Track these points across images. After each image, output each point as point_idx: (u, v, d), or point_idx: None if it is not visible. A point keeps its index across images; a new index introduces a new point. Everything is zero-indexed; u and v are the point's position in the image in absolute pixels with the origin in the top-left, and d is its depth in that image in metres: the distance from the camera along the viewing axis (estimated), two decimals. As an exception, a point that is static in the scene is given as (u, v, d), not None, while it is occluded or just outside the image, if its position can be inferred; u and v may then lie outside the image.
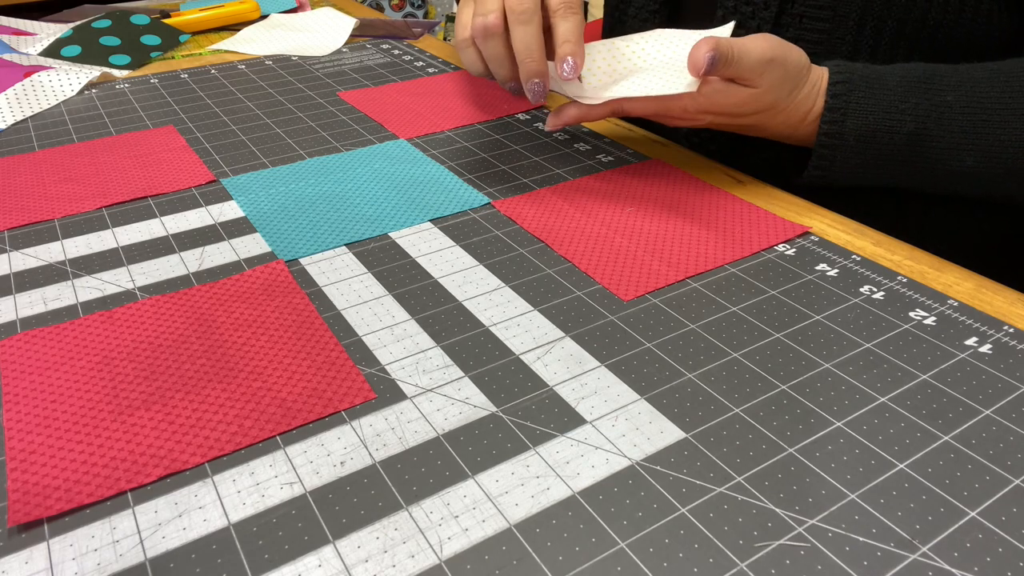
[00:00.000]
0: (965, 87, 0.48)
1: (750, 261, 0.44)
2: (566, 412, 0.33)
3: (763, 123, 0.51)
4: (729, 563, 0.27)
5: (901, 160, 0.50)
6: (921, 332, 0.38)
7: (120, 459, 0.31)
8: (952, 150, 0.48)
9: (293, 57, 0.83)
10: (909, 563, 0.27)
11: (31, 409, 0.33)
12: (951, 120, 0.48)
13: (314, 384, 0.35)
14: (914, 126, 0.48)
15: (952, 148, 0.48)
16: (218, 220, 0.49)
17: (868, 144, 0.49)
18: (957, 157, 0.48)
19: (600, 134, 0.61)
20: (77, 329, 0.39)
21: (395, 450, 0.32)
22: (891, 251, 0.45)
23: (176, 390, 0.34)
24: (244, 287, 0.42)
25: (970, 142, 0.48)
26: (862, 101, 0.49)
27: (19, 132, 0.64)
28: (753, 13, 0.57)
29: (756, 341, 0.38)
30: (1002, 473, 0.30)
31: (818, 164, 0.51)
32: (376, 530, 0.28)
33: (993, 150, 0.48)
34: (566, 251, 0.45)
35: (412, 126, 0.63)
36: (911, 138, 0.48)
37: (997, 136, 0.47)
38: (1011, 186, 0.49)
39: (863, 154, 0.50)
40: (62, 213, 0.50)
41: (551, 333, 0.38)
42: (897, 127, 0.48)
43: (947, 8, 0.52)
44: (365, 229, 0.48)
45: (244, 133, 0.63)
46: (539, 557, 0.27)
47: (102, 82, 0.75)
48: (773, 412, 0.33)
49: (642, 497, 0.29)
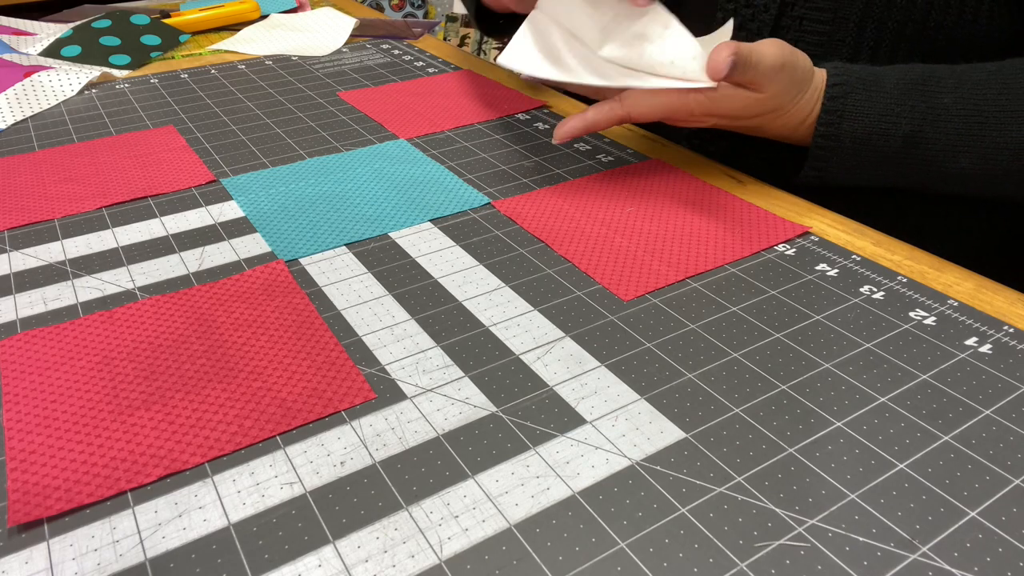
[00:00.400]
0: (963, 89, 0.48)
1: (750, 261, 0.44)
2: (566, 412, 0.33)
3: (765, 125, 0.51)
4: (729, 563, 0.27)
5: (897, 162, 0.50)
6: (921, 332, 0.38)
7: (120, 459, 0.31)
8: (948, 152, 0.48)
9: (293, 57, 0.83)
10: (909, 563, 0.27)
11: (31, 409, 0.33)
12: (947, 122, 0.48)
13: (314, 384, 0.35)
14: (909, 128, 0.48)
15: (948, 150, 0.48)
16: (218, 220, 0.49)
17: (863, 146, 0.49)
18: (953, 159, 0.49)
19: (600, 134, 0.61)
20: (77, 329, 0.39)
21: (395, 450, 0.32)
22: (891, 251, 0.45)
23: (176, 390, 0.34)
24: (244, 287, 0.42)
25: (966, 144, 0.48)
26: (858, 104, 0.49)
27: (19, 132, 0.64)
28: (753, 15, 0.57)
29: (756, 341, 0.38)
30: (1002, 473, 0.30)
31: (814, 165, 0.51)
32: (376, 530, 0.28)
33: (989, 152, 0.48)
34: (566, 251, 0.45)
35: (412, 126, 0.63)
36: (906, 140, 0.49)
37: (993, 138, 0.47)
38: (1008, 187, 0.50)
39: (858, 156, 0.50)
40: (62, 213, 0.50)
41: (551, 333, 0.38)
42: (892, 129, 0.48)
43: (947, 10, 0.52)
44: (365, 229, 0.48)
45: (244, 133, 0.63)
46: (539, 557, 0.27)
47: (102, 82, 0.75)
48: (773, 412, 0.33)
49: (642, 497, 0.29)
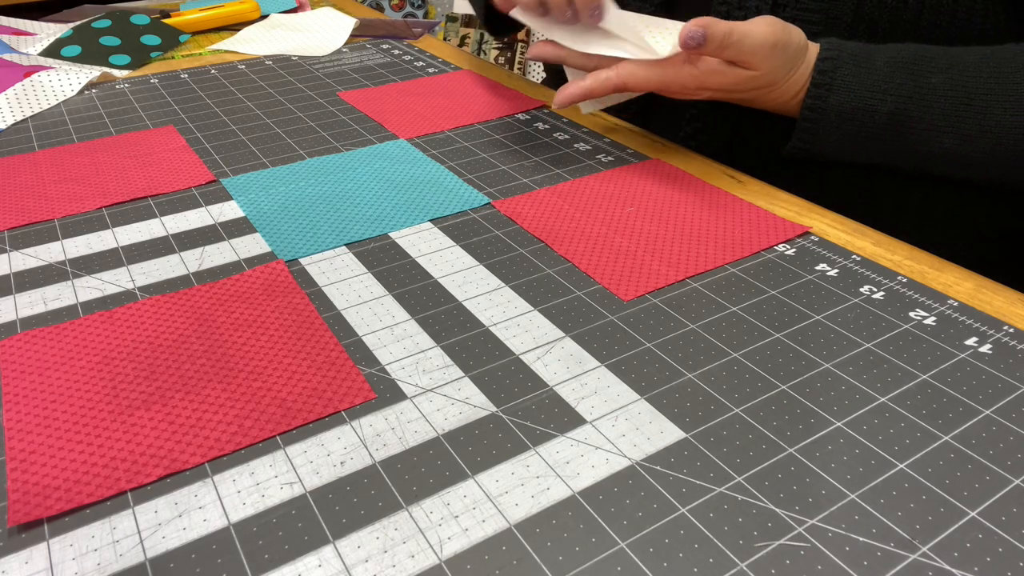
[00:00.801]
0: (954, 70, 0.49)
1: (750, 261, 0.44)
2: (566, 412, 0.33)
3: (759, 98, 0.52)
4: (729, 563, 0.27)
5: (881, 139, 0.51)
6: (921, 332, 0.38)
7: (120, 459, 0.31)
8: (931, 132, 0.49)
9: (293, 57, 0.83)
10: (909, 563, 0.27)
11: (31, 409, 0.33)
12: (933, 102, 0.49)
13: (314, 384, 0.35)
14: (895, 106, 0.49)
15: (932, 130, 0.49)
16: (218, 220, 0.49)
17: (849, 121, 0.50)
18: (936, 139, 0.49)
19: (600, 134, 0.61)
20: (77, 329, 0.39)
21: (395, 450, 0.32)
22: (891, 251, 0.45)
23: (176, 390, 0.34)
24: (244, 287, 0.42)
25: (950, 125, 0.48)
26: (847, 78, 0.50)
27: (19, 132, 0.64)
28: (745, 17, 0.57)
29: (756, 341, 0.38)
30: (1002, 473, 0.30)
31: (801, 137, 0.53)
32: (376, 530, 0.28)
33: (972, 134, 0.48)
34: (566, 251, 0.45)
35: (412, 126, 0.63)
36: (891, 118, 0.49)
37: (977, 121, 0.48)
38: (992, 171, 0.50)
39: (843, 130, 0.51)
40: (62, 213, 0.50)
41: (551, 333, 0.38)
42: (878, 106, 0.49)
43: (940, 10, 0.52)
44: (365, 229, 0.48)
45: (244, 133, 0.63)
46: (539, 557, 0.27)
47: (102, 82, 0.75)
48: (773, 412, 0.33)
49: (642, 497, 0.29)
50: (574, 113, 0.65)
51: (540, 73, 2.43)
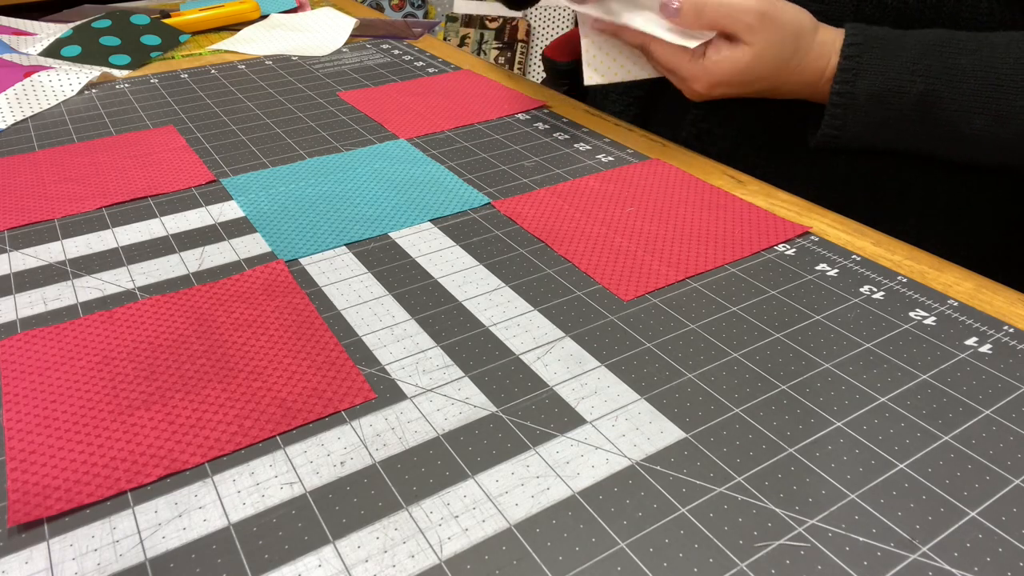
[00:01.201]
0: (983, 51, 0.48)
1: (750, 261, 0.44)
2: (566, 412, 0.33)
3: (776, 87, 0.52)
4: (729, 563, 0.27)
5: (911, 121, 0.50)
6: (921, 332, 0.38)
7: (120, 459, 0.31)
8: (962, 113, 0.49)
9: (293, 57, 0.83)
10: (909, 563, 0.27)
11: (31, 409, 0.33)
12: (962, 82, 0.48)
13: (314, 384, 0.35)
14: (924, 87, 0.49)
15: (962, 111, 0.49)
16: (218, 220, 0.49)
17: (878, 104, 0.50)
18: (967, 120, 0.49)
19: (600, 134, 0.61)
20: (77, 329, 0.39)
21: (395, 450, 0.32)
22: (891, 251, 0.45)
23: (176, 390, 0.34)
24: (244, 287, 0.42)
25: (981, 105, 0.48)
26: (874, 61, 0.49)
27: (19, 132, 0.64)
28: None
29: (756, 341, 0.38)
30: (1002, 473, 0.30)
31: (831, 124, 0.52)
32: (376, 530, 0.28)
33: (1003, 114, 0.48)
34: (566, 251, 0.45)
35: (412, 126, 0.63)
36: (921, 99, 0.49)
37: (1009, 100, 0.47)
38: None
39: (873, 114, 0.50)
40: (62, 213, 0.50)
41: (551, 333, 0.38)
42: (907, 87, 0.49)
43: (940, 9, 0.52)
44: (365, 229, 0.48)
45: (244, 133, 0.63)
46: (539, 557, 0.27)
47: (102, 82, 0.75)
48: (773, 412, 0.33)
49: (642, 497, 0.29)
50: (574, 113, 0.65)
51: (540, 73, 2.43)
